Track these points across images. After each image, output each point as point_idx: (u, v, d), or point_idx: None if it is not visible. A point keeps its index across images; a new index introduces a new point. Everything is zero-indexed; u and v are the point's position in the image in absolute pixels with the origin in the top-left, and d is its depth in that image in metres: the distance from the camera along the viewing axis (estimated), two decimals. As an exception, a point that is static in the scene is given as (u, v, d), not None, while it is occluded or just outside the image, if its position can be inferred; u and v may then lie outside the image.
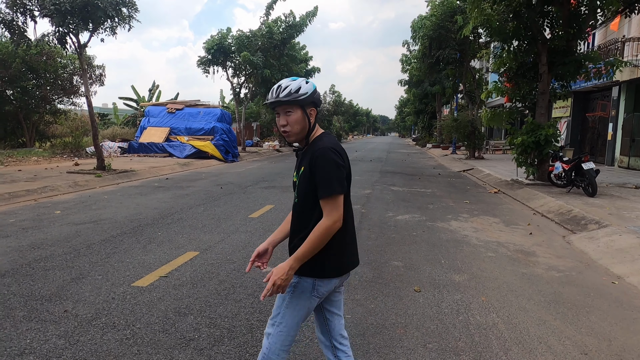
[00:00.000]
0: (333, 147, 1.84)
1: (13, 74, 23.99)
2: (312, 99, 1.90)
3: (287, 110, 1.87)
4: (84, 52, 12.02)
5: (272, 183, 11.66)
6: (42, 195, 9.30)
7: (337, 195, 1.78)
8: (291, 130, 1.88)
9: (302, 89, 1.86)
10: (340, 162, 1.82)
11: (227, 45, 22.93)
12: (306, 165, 1.85)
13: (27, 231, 6.03)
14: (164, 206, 8.01)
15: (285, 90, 1.85)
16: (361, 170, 16.09)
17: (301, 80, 1.90)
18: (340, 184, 1.80)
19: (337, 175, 1.79)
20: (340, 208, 1.79)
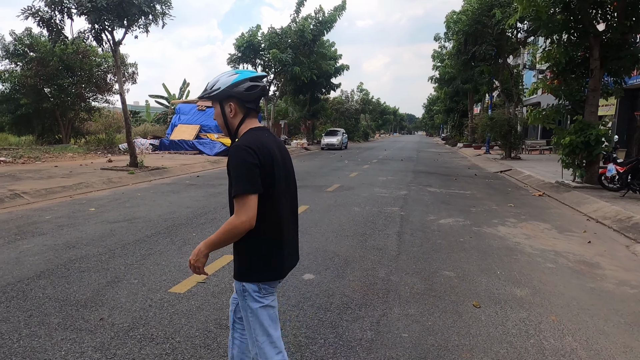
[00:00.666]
0: (247, 145, 1.75)
1: (50, 71, 24.66)
2: (230, 92, 1.84)
3: (213, 105, 1.92)
4: (118, 49, 12.06)
5: (304, 182, 11.39)
6: (77, 191, 9.34)
7: (246, 195, 1.71)
8: (218, 122, 1.93)
9: (217, 83, 1.85)
10: (252, 160, 1.73)
11: (257, 43, 22.84)
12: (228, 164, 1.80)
13: (63, 229, 5.96)
14: (197, 205, 7.85)
15: (209, 84, 1.89)
16: (393, 169, 15.65)
17: (224, 74, 1.88)
18: (251, 183, 1.72)
19: (246, 174, 1.72)
20: (250, 209, 1.72)
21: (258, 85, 1.89)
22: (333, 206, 7.93)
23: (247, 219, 1.72)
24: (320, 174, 13.71)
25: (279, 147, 1.92)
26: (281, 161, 1.87)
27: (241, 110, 1.88)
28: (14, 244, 5.19)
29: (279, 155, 1.86)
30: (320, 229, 6.13)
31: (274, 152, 1.82)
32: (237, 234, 1.75)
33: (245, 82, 1.85)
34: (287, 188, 1.91)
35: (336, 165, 17.03)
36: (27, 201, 8.14)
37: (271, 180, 1.79)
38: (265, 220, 1.79)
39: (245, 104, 1.87)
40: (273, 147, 1.84)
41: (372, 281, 4.12)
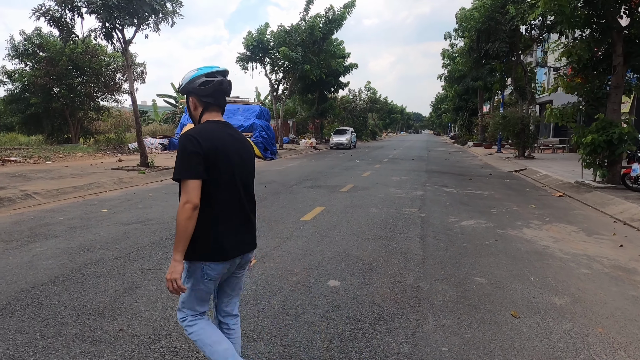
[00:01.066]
0: (192, 135, 1.89)
1: (60, 71, 24.67)
2: (188, 88, 2.00)
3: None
4: (128, 48, 11.93)
5: (317, 182, 11.20)
6: (89, 192, 9.22)
7: (185, 180, 1.85)
8: (189, 114, 2.11)
9: (182, 80, 2.01)
10: (193, 149, 1.86)
11: (265, 42, 22.67)
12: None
13: (76, 231, 5.82)
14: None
15: (182, 79, 2.05)
16: (405, 169, 15.40)
17: (190, 71, 2.02)
18: (188, 169, 1.85)
19: (187, 161, 1.86)
20: (190, 192, 1.85)
21: (212, 80, 1.99)
22: (350, 207, 7.72)
23: (188, 200, 1.84)
24: (332, 173, 13.51)
25: (236, 141, 2.04)
26: (234, 155, 1.98)
27: (200, 104, 2.02)
28: (27, 246, 5.05)
29: (232, 148, 1.98)
30: (339, 232, 5.93)
31: (221, 144, 1.93)
32: (187, 217, 1.84)
33: (201, 77, 1.98)
34: (234, 178, 1.98)
35: (347, 165, 16.82)
36: (39, 202, 8.03)
37: (214, 169, 1.90)
38: (209, 206, 1.91)
39: (202, 98, 2.00)
40: (226, 140, 1.96)
41: (401, 288, 3.91)
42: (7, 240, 5.30)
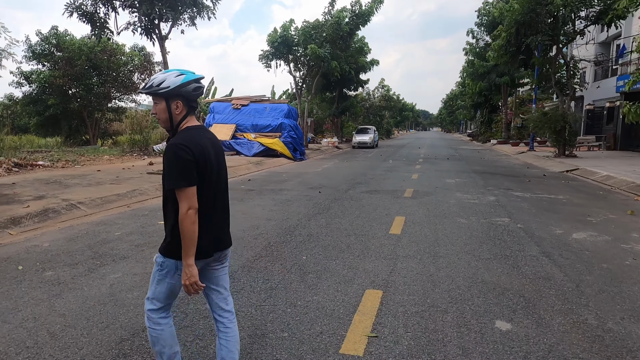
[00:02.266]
0: (183, 144, 1.95)
1: (79, 71, 24.06)
2: (178, 92, 2.00)
3: (155, 101, 2.04)
4: (164, 44, 11.17)
5: (370, 186, 10.40)
6: (133, 200, 8.49)
7: (184, 188, 1.94)
8: (158, 118, 2.08)
9: (165, 82, 1.99)
10: (187, 157, 1.94)
11: (290, 38, 21.87)
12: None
13: (143, 250, 5.07)
14: (277, 216, 6.91)
15: (149, 82, 2.03)
16: (451, 170, 14.53)
17: (171, 74, 2.02)
18: (184, 178, 1.94)
19: (182, 170, 1.93)
20: (189, 198, 1.95)
21: (201, 86, 2.09)
22: (433, 217, 6.91)
23: (190, 206, 1.94)
24: (378, 176, 12.69)
25: (213, 145, 2.11)
26: (214, 158, 2.07)
27: (185, 108, 2.05)
28: (97, 272, 4.31)
29: (212, 152, 2.05)
30: (447, 249, 5.12)
31: (207, 150, 2.02)
32: (192, 222, 1.94)
33: (192, 83, 2.02)
34: (218, 181, 2.11)
35: (386, 166, 15.99)
36: (84, 212, 7.30)
37: (203, 174, 2.00)
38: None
39: (190, 102, 2.05)
40: (207, 145, 2.03)
41: (593, 333, 3.10)
42: (72, 264, 4.56)
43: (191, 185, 1.93)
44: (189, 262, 1.96)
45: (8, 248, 5.19)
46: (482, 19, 33.58)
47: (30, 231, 6.14)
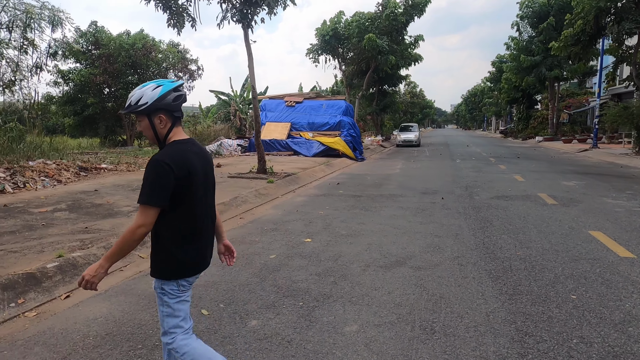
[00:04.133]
0: (164, 161, 1.87)
1: (118, 68, 23.16)
2: (158, 105, 1.91)
3: (138, 118, 1.95)
4: (249, 35, 10.02)
5: (490, 190, 9.15)
6: (240, 209, 7.40)
7: (148, 206, 1.85)
8: (146, 135, 1.98)
9: (142, 98, 1.90)
10: (165, 176, 1.85)
11: (341, 30, 20.67)
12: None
13: (336, 283, 3.92)
14: (443, 232, 5.72)
15: (127, 102, 1.95)
16: (544, 170, 13.17)
17: (147, 88, 1.91)
18: (156, 197, 1.86)
19: (156, 188, 1.85)
20: (148, 217, 1.87)
21: (182, 94, 2.00)
22: (628, 232, 5.66)
23: (143, 225, 1.86)
24: (475, 177, 11.41)
25: (201, 159, 2.03)
26: (201, 172, 2.01)
27: (170, 119, 1.96)
28: (316, 323, 3.16)
29: (199, 166, 1.99)
30: None
31: (192, 165, 1.95)
32: (134, 240, 1.88)
33: (171, 93, 1.93)
34: (205, 195, 2.06)
35: (464, 166, 14.70)
36: (202, 227, 6.20)
37: (188, 189, 1.93)
38: (183, 223, 1.97)
39: (173, 113, 1.96)
40: (193, 159, 1.96)
41: None
42: (243, 301, 3.43)
43: (157, 206, 1.87)
44: (105, 265, 1.90)
45: (148, 278, 4.08)
46: (526, 11, 32.08)
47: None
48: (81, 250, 4.65)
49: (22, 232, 5.31)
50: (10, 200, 7.22)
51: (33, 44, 11.24)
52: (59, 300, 3.75)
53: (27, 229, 5.46)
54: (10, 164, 9.40)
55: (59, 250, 4.60)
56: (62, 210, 6.62)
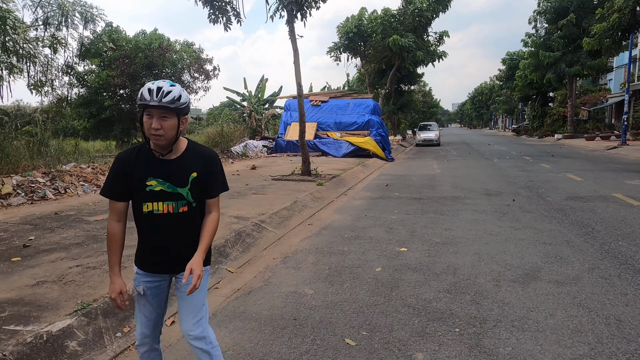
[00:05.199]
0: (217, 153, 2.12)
1: (136, 69, 22.68)
2: (188, 108, 1.94)
3: (164, 115, 1.83)
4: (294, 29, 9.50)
5: (567, 192, 8.61)
6: (303, 214, 6.88)
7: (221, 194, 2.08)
8: (165, 135, 1.84)
9: (182, 97, 1.86)
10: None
11: (364, 28, 20.14)
12: (199, 170, 1.94)
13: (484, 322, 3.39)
14: (552, 238, 5.18)
15: (169, 95, 1.81)
16: (597, 169, 12.61)
17: (179, 87, 1.86)
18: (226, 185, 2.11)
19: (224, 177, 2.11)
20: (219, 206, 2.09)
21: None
22: None
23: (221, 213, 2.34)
24: (538, 180, 10.86)
25: None
26: None
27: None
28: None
29: None
30: None
31: None
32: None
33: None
34: None
35: (503, 165, 14.14)
36: (276, 234, 5.69)
37: None
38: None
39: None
40: None
41: None
42: (385, 327, 2.91)
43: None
44: (201, 259, 1.93)
45: (253, 297, 3.56)
46: (544, 5, 31.49)
47: (245, 265, 4.54)
48: (167, 265, 4.13)
49: (88, 244, 4.80)
50: (58, 208, 6.72)
51: (65, 42, 10.77)
52: (164, 326, 3.24)
53: (92, 240, 4.94)
54: (47, 168, 8.90)
55: (143, 265, 4.09)
56: (119, 218, 6.10)
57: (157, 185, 1.89)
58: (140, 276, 2.05)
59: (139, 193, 1.91)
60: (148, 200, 1.91)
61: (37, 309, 3.11)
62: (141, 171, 1.90)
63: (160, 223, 1.93)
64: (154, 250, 2.00)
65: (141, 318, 2.06)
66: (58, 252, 4.51)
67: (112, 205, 1.93)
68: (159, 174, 1.90)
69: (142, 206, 1.92)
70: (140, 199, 1.92)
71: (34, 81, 10.39)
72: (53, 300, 3.29)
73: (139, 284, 2.04)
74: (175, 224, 1.94)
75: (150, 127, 1.83)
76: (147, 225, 1.97)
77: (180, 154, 1.93)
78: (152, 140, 1.87)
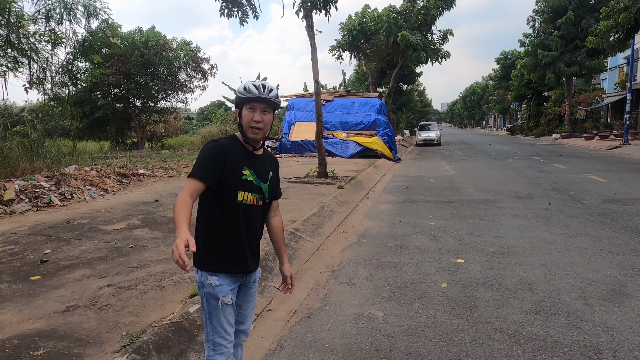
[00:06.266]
0: None
1: (131, 68, 21.97)
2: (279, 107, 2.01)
3: (265, 109, 1.89)
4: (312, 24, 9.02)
5: (600, 195, 8.29)
6: (334, 220, 6.47)
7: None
8: (263, 128, 1.91)
9: (277, 94, 1.95)
10: None
11: (368, 25, 19.75)
12: (273, 170, 2.05)
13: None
14: (616, 247, 4.82)
15: (273, 92, 1.89)
16: (613, 170, 12.38)
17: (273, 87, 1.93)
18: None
19: None
20: None
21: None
22: None
23: None
24: (561, 181, 10.54)
25: None
26: None
27: None
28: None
29: None
30: None
31: None
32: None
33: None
34: None
35: (517, 166, 13.86)
36: (313, 244, 5.26)
37: None
38: None
39: None
40: None
41: None
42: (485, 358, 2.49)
43: None
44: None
45: (317, 322, 3.12)
46: (542, 5, 31.46)
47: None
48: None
49: (114, 259, 4.30)
50: (68, 215, 6.18)
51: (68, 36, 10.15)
52: (225, 361, 2.77)
53: (117, 254, 4.44)
54: (50, 171, 8.31)
55: (184, 284, 3.61)
56: (139, 227, 5.60)
57: (249, 175, 1.91)
58: (223, 285, 1.91)
59: (235, 180, 1.87)
60: (242, 189, 1.89)
61: (76, 344, 2.63)
62: (238, 159, 1.89)
63: (250, 213, 1.93)
64: (238, 244, 1.93)
65: (227, 329, 1.94)
66: (81, 268, 4.01)
67: (195, 185, 1.80)
68: (250, 166, 1.92)
69: (236, 194, 1.88)
70: (236, 186, 1.88)
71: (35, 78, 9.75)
72: (92, 331, 2.80)
73: (225, 294, 1.91)
74: (258, 217, 1.99)
75: (252, 119, 1.86)
76: (236, 216, 1.90)
77: (262, 152, 2.00)
78: (251, 134, 1.88)
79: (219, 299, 1.89)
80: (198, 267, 1.93)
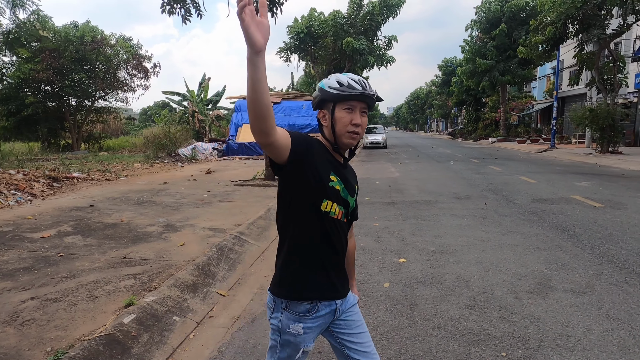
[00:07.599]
0: None
1: (64, 64, 20.58)
2: None
3: (364, 110, 1.56)
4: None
5: (530, 195, 8.86)
6: (280, 224, 6.37)
7: None
8: (361, 133, 1.58)
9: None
10: None
11: (315, 29, 19.91)
12: (357, 184, 1.71)
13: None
14: (543, 243, 5.16)
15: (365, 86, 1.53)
16: (542, 172, 13.34)
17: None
18: None
19: None
20: None
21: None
22: None
23: None
24: (496, 182, 11.18)
25: None
26: None
27: None
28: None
29: None
30: None
31: None
32: None
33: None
34: None
35: (465, 168, 14.55)
36: (259, 247, 5.19)
37: None
38: None
39: None
40: None
41: None
42: (425, 354, 2.61)
43: None
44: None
45: (260, 327, 3.09)
46: (480, 17, 33.35)
47: (236, 286, 4.00)
48: (149, 292, 3.48)
49: (40, 269, 3.99)
50: (-12, 223, 5.66)
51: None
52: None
53: (44, 264, 4.13)
54: (-33, 174, 7.58)
55: (118, 294, 3.42)
56: (70, 234, 5.24)
57: (337, 183, 1.55)
58: (308, 334, 1.55)
59: (321, 185, 1.50)
60: (329, 197, 1.52)
61: (-8, 364, 2.40)
62: (325, 162, 1.53)
63: (335, 227, 1.56)
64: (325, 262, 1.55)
65: None
66: (1, 281, 3.67)
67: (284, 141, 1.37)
68: (338, 173, 1.57)
69: (321, 202, 1.51)
70: (322, 193, 1.51)
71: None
72: (11, 349, 2.57)
73: (308, 344, 1.56)
74: (344, 234, 1.63)
75: (350, 122, 1.52)
76: (319, 230, 1.54)
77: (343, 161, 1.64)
78: (348, 139, 1.54)
79: (300, 349, 1.57)
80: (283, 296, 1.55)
